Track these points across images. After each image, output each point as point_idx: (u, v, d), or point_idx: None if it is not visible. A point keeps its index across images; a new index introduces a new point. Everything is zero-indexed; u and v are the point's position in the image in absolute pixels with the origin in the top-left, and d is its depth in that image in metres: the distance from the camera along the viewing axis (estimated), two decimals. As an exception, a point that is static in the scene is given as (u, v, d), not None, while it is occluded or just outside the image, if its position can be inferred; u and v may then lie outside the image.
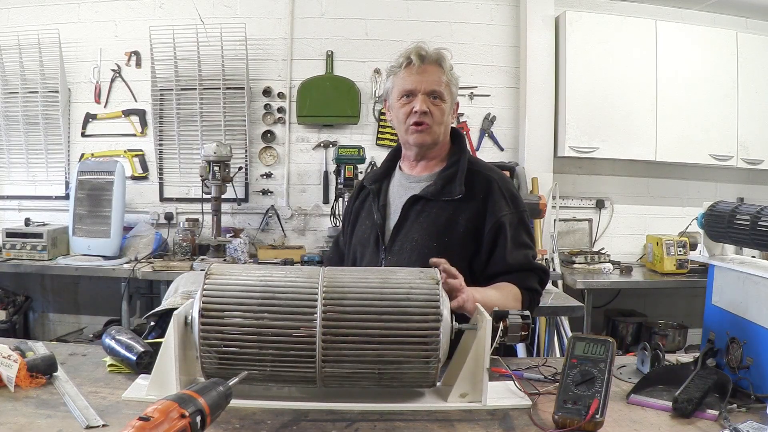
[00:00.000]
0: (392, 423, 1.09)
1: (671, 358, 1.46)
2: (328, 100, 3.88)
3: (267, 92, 3.95)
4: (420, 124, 1.55)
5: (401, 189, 1.67)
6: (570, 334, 3.18)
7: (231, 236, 3.63)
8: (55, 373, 1.25)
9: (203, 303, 1.10)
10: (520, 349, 2.98)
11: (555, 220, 3.93)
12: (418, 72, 1.54)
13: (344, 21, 3.96)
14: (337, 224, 3.74)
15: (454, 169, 1.60)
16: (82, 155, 3.92)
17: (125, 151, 3.94)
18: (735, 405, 1.18)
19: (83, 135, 3.95)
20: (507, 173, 1.72)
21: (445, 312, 1.13)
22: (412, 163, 1.68)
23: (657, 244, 3.64)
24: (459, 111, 3.99)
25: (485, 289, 1.46)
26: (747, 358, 1.27)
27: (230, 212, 3.94)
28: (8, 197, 3.99)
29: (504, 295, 1.47)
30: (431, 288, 1.14)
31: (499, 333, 1.17)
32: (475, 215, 1.56)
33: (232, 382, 0.99)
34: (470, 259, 1.56)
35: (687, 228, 1.72)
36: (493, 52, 4.04)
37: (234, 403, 1.00)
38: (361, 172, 3.67)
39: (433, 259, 1.30)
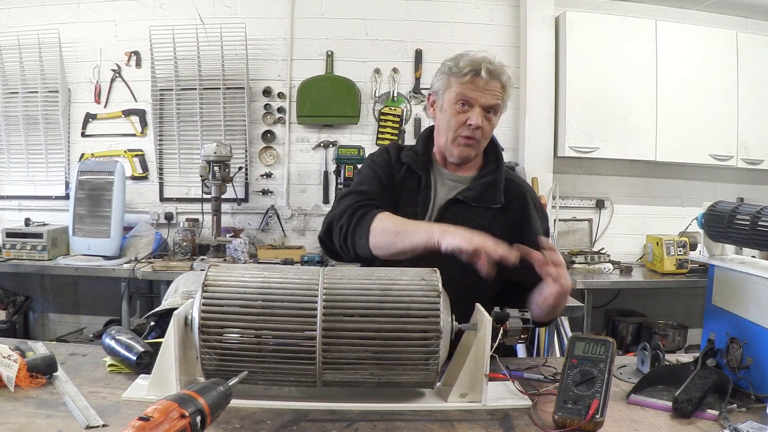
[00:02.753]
0: (392, 423, 1.09)
1: (671, 358, 1.46)
2: (328, 100, 3.88)
3: (267, 92, 3.95)
4: (470, 137, 1.55)
5: (442, 185, 1.64)
6: (570, 334, 3.18)
7: (231, 236, 3.63)
8: (55, 373, 1.25)
9: (203, 303, 1.10)
10: (520, 349, 2.97)
11: (555, 220, 3.93)
12: (484, 86, 1.53)
13: (344, 21, 3.97)
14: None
15: (492, 177, 1.61)
16: (82, 155, 3.92)
17: (125, 151, 3.94)
18: (735, 405, 1.18)
19: (83, 135, 3.95)
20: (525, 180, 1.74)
21: (445, 316, 1.13)
22: (447, 162, 1.66)
23: (657, 244, 3.64)
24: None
25: None
26: (747, 358, 1.27)
27: (230, 212, 3.94)
28: (8, 197, 3.99)
29: None
30: (432, 301, 1.13)
31: (500, 335, 1.18)
32: (511, 226, 1.56)
33: (232, 382, 0.99)
34: (501, 266, 1.54)
35: (687, 228, 1.72)
36: (493, 52, 3.94)
37: (234, 403, 1.00)
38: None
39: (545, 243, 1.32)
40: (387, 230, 1.43)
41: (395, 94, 3.97)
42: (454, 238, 1.29)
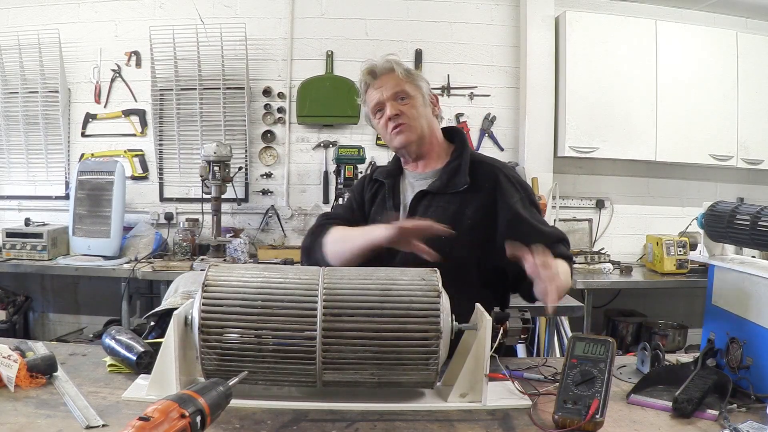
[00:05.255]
0: (392, 423, 1.09)
1: (671, 358, 1.46)
2: (328, 100, 3.88)
3: (267, 92, 3.95)
4: (396, 125, 1.60)
5: (410, 187, 1.69)
6: (570, 334, 3.18)
7: (231, 236, 3.63)
8: (55, 373, 1.25)
9: (203, 303, 1.10)
10: (520, 349, 2.98)
11: (555, 220, 3.93)
12: (376, 87, 1.62)
13: (344, 21, 3.97)
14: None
15: (457, 162, 1.63)
16: (82, 155, 3.92)
17: (125, 151, 3.94)
18: (735, 405, 1.18)
19: (83, 135, 3.95)
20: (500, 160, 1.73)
21: (445, 316, 1.13)
22: (413, 165, 1.71)
23: (657, 244, 3.64)
24: (459, 111, 4.02)
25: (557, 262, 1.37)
26: (747, 358, 1.27)
27: (230, 212, 3.94)
28: (8, 197, 3.99)
29: (565, 269, 1.44)
30: (432, 301, 1.13)
31: (500, 335, 1.18)
32: (483, 206, 1.56)
33: (232, 382, 0.99)
34: (479, 249, 1.56)
35: (687, 228, 1.72)
36: (493, 52, 4.04)
37: (234, 403, 1.00)
38: (360, 172, 3.66)
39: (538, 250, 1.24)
40: (336, 240, 1.58)
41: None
42: (378, 229, 1.44)
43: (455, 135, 1.72)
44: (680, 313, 3.98)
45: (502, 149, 4.06)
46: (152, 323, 1.54)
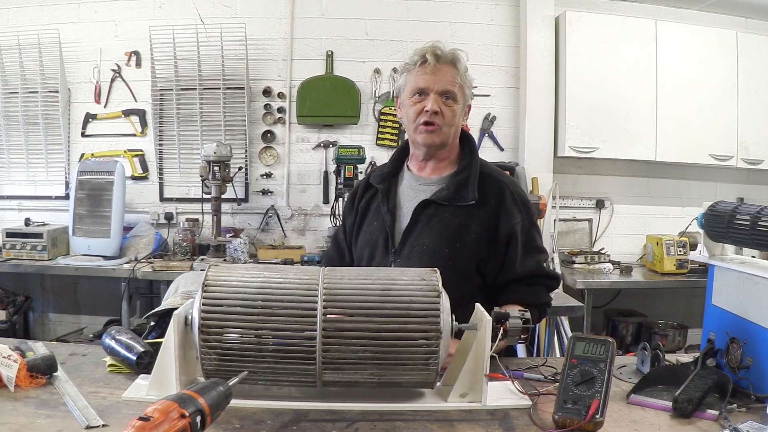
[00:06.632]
0: (392, 423, 1.09)
1: (671, 358, 1.46)
2: (328, 100, 3.88)
3: (267, 92, 3.95)
4: (430, 123, 1.54)
5: (411, 191, 1.65)
6: (570, 334, 3.18)
7: (231, 236, 3.63)
8: (55, 373, 1.25)
9: (203, 303, 1.10)
10: (520, 349, 2.98)
11: (555, 220, 3.93)
12: (432, 71, 1.53)
13: (344, 21, 3.97)
14: (337, 224, 3.73)
15: (466, 173, 1.59)
16: (82, 155, 3.92)
17: (125, 151, 3.94)
18: (735, 405, 1.18)
19: (83, 135, 3.95)
20: (507, 173, 1.71)
21: (445, 316, 1.13)
22: (420, 164, 1.66)
23: (657, 244, 3.64)
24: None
25: None
26: (747, 358, 1.27)
27: (230, 212, 3.94)
28: (8, 197, 3.99)
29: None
30: (432, 301, 1.13)
31: (500, 335, 1.18)
32: (487, 221, 1.55)
33: (232, 382, 0.99)
34: (480, 263, 1.56)
35: (687, 228, 1.72)
36: (493, 52, 4.04)
37: (234, 403, 1.00)
38: (361, 172, 3.66)
39: None
40: None
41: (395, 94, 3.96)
42: None
43: (464, 140, 1.67)
44: (680, 313, 3.98)
45: (502, 149, 4.06)
46: (152, 323, 1.53)
